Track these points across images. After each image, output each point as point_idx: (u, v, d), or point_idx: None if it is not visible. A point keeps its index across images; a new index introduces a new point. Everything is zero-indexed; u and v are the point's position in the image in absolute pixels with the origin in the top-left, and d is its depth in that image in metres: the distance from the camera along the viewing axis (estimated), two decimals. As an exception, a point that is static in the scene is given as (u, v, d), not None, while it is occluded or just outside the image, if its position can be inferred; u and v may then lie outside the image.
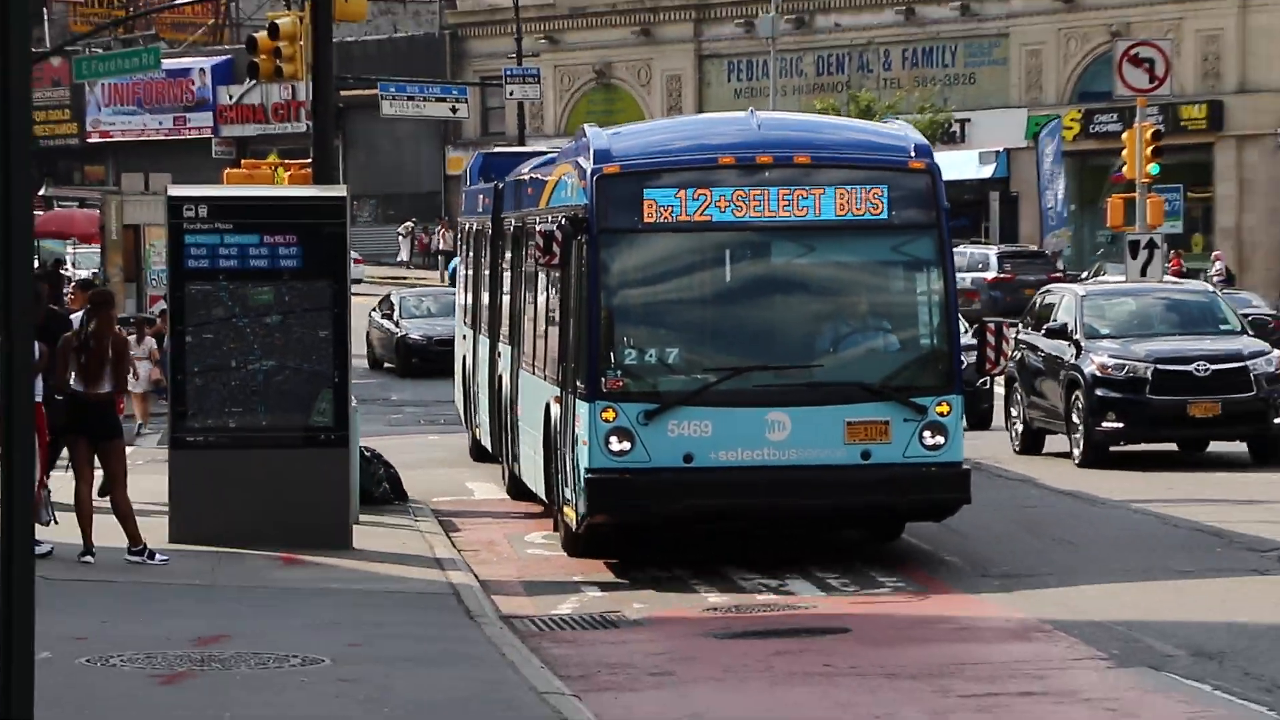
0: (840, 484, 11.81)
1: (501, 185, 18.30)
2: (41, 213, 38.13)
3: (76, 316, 16.10)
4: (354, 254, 22.84)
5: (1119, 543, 14.05)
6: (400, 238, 48.57)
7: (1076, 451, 17.72)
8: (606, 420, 11.61)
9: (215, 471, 13.90)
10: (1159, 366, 17.43)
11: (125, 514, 13.11)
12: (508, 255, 17.41)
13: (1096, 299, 19.59)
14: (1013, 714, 9.09)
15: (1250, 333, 20.40)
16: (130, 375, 14.90)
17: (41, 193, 43.01)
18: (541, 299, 14.75)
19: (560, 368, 12.98)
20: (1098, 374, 17.49)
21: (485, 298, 18.84)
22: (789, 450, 11.62)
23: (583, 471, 11.82)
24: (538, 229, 12.77)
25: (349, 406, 14.36)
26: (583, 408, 11.85)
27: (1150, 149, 27.54)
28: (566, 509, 12.81)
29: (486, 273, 18.92)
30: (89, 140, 56.02)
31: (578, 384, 12.08)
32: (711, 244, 12.41)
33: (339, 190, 16.52)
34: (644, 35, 48.31)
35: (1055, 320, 19.18)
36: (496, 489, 18.66)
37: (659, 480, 11.67)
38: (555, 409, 13.25)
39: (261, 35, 21.99)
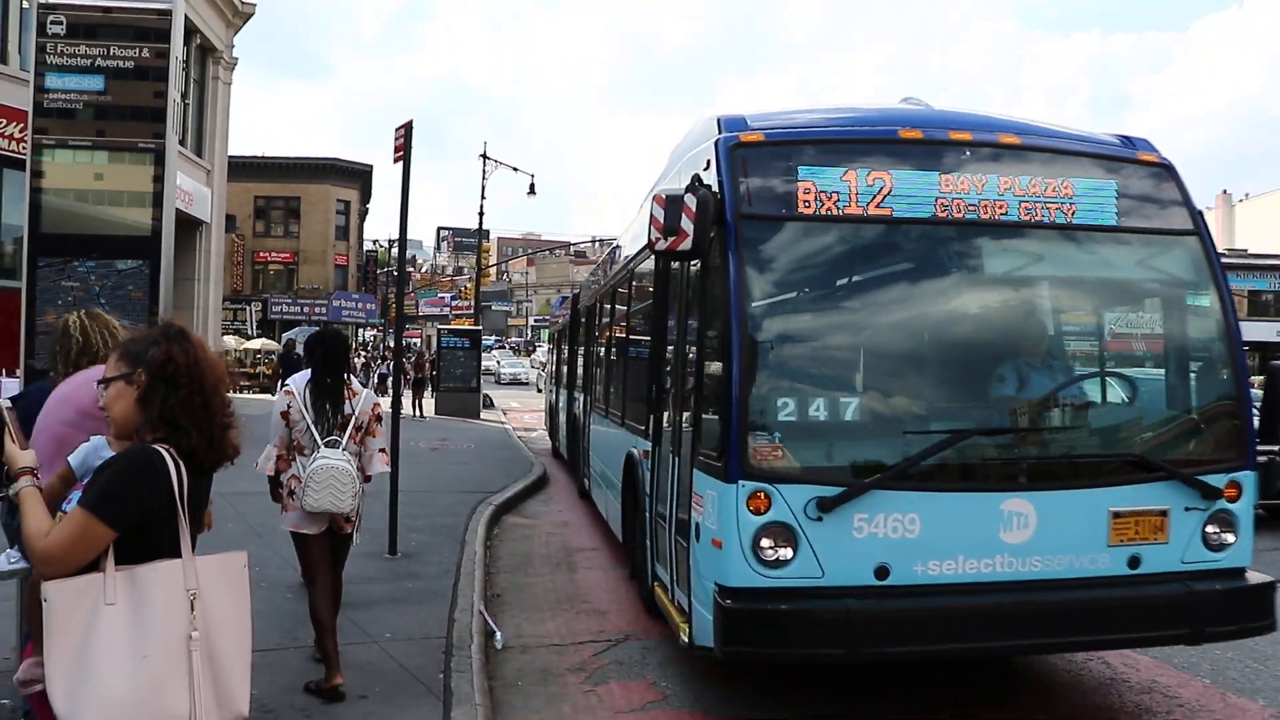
0: (1105, 610, 6.42)
1: (575, 295, 19.99)
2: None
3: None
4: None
5: None
6: (494, 341, 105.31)
7: None
8: (756, 512, 6.17)
9: (447, 394, 33.98)
10: None
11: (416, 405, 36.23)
12: (581, 335, 16.65)
13: None
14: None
15: None
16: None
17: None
18: (616, 355, 11.62)
19: (650, 416, 8.15)
20: None
21: (565, 367, 20.35)
22: (1032, 558, 6.45)
23: (713, 588, 6.35)
24: (651, 211, 6.84)
25: (480, 380, 34.16)
26: (714, 487, 6.38)
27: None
28: (673, 610, 7.36)
29: (566, 351, 20.26)
30: (414, 316, 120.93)
31: (704, 450, 6.60)
32: (901, 250, 6.86)
33: (479, 328, 37.85)
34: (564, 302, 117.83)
35: None
36: (519, 406, 39.90)
37: (838, 611, 6.09)
38: (645, 465, 8.55)
39: (463, 290, 65.06)
